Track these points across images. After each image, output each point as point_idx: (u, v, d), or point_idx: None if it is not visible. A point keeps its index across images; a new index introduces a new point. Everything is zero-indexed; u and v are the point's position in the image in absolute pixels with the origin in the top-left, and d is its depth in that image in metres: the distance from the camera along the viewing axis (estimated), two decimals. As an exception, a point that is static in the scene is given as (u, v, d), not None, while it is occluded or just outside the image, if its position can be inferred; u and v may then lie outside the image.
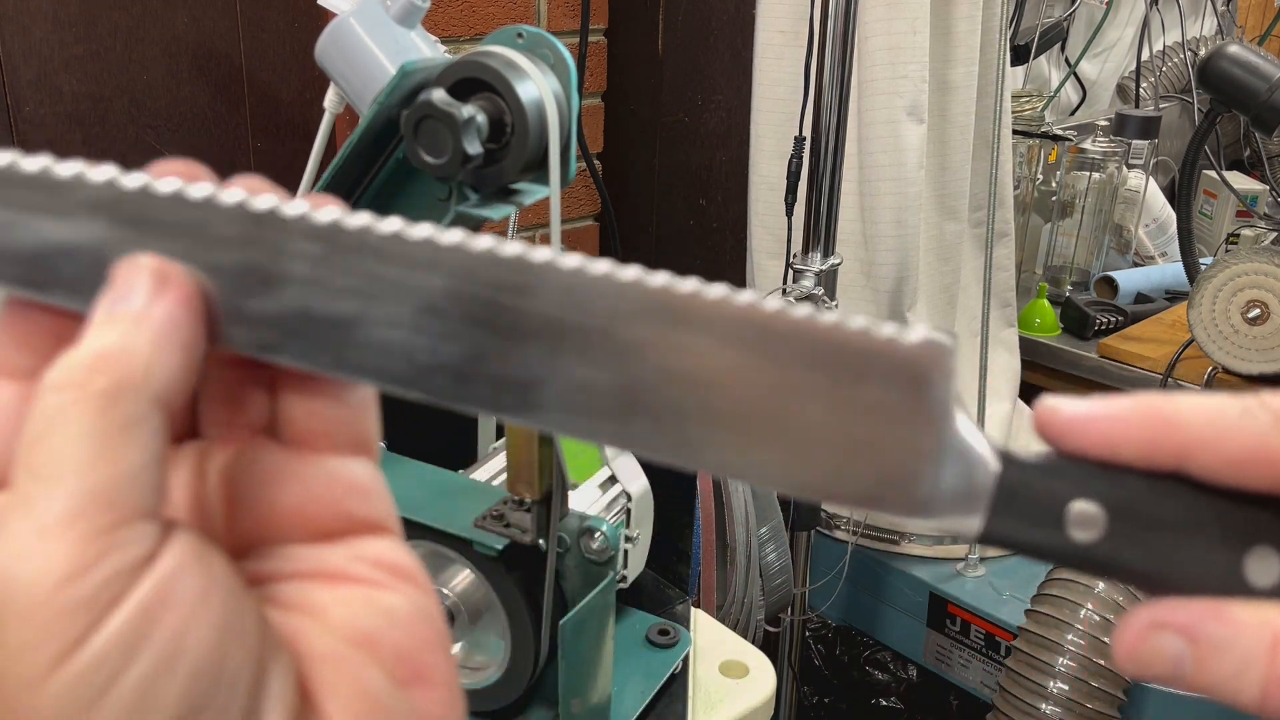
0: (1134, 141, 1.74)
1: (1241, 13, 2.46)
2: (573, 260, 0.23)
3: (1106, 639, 1.16)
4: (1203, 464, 0.23)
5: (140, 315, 0.23)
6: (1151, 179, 1.83)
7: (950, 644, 1.41)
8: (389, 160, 0.58)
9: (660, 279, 0.23)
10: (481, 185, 0.55)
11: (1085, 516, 0.23)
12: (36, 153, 0.24)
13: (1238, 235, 1.75)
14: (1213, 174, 1.91)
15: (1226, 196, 1.98)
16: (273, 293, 0.24)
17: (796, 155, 1.21)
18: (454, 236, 0.24)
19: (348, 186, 0.59)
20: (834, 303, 1.17)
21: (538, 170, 0.55)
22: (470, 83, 0.53)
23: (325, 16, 0.85)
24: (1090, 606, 1.17)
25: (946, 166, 1.39)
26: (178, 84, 1.32)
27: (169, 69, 1.30)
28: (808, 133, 1.19)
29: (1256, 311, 1.38)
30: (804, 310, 0.23)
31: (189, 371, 0.23)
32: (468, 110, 0.51)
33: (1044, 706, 1.17)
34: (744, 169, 1.41)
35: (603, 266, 0.23)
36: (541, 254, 0.23)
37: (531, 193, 0.58)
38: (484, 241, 0.23)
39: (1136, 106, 2.09)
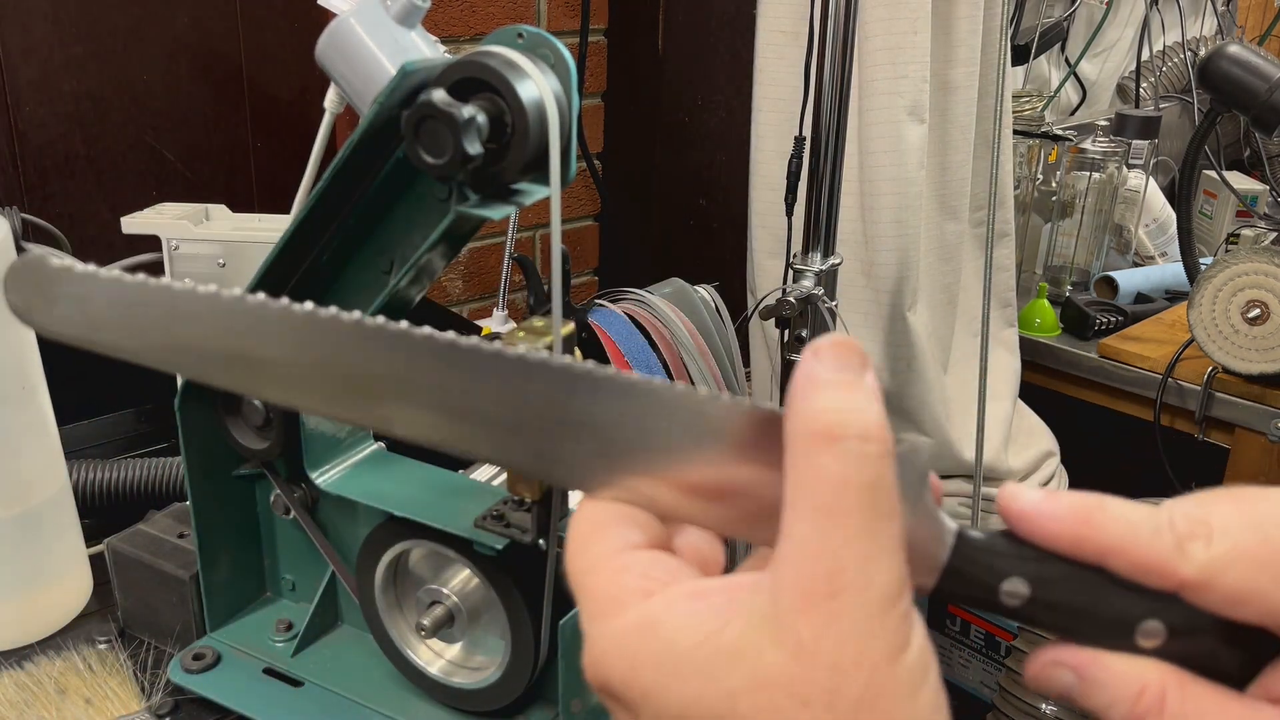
0: (1134, 141, 1.73)
1: (1241, 13, 2.46)
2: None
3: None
4: (1115, 566, 0.29)
5: (870, 387, 0.28)
6: (1151, 179, 1.83)
7: (950, 644, 1.41)
8: (389, 160, 0.58)
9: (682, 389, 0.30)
10: (481, 185, 0.55)
11: (1014, 589, 0.29)
12: (36, 152, 0.24)
13: (1238, 235, 1.76)
14: (1213, 174, 1.91)
15: (1226, 196, 1.98)
16: None
17: (796, 155, 1.21)
18: None
19: (348, 186, 0.59)
20: (834, 302, 1.17)
21: (538, 170, 0.55)
22: (470, 83, 0.53)
23: (325, 16, 0.85)
24: (1090, 606, 1.17)
25: (947, 166, 1.39)
26: (178, 84, 1.32)
27: (169, 69, 1.30)
28: (808, 133, 1.19)
29: (1256, 311, 1.38)
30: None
31: None
32: (468, 110, 0.51)
33: (1044, 706, 1.17)
34: (744, 169, 1.41)
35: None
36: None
37: (531, 193, 0.57)
38: None
39: (1136, 106, 2.09)
